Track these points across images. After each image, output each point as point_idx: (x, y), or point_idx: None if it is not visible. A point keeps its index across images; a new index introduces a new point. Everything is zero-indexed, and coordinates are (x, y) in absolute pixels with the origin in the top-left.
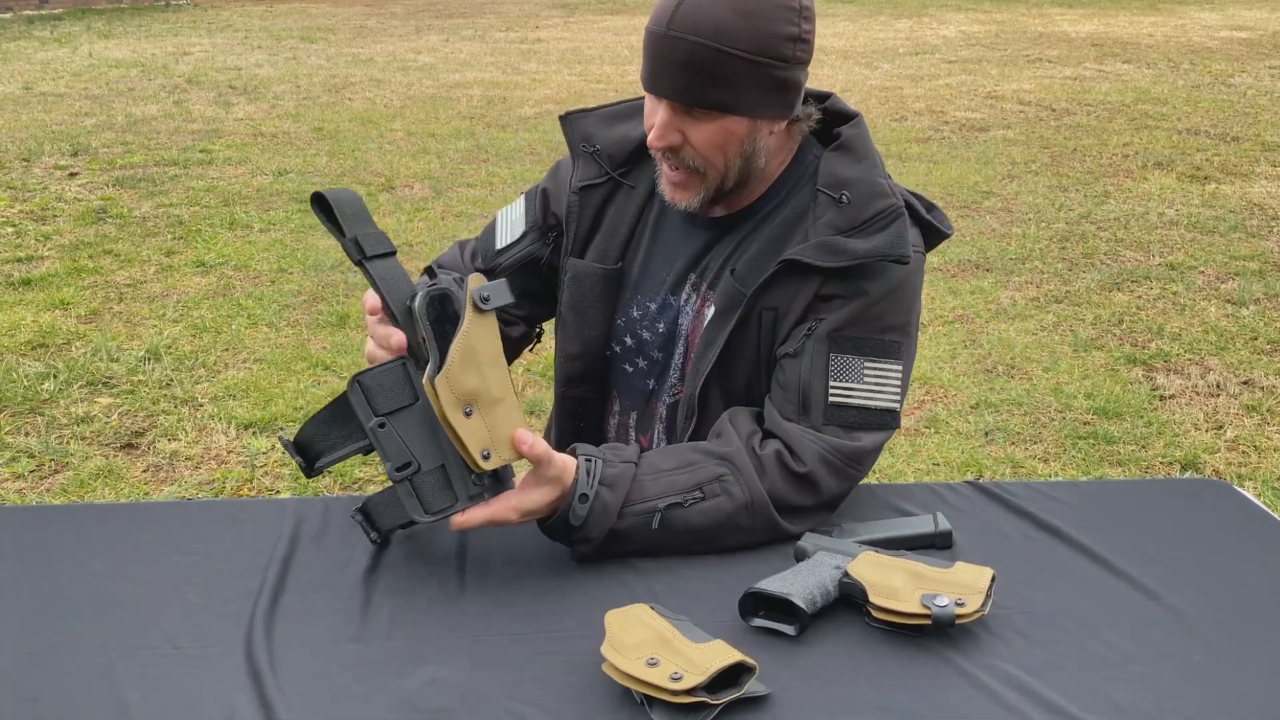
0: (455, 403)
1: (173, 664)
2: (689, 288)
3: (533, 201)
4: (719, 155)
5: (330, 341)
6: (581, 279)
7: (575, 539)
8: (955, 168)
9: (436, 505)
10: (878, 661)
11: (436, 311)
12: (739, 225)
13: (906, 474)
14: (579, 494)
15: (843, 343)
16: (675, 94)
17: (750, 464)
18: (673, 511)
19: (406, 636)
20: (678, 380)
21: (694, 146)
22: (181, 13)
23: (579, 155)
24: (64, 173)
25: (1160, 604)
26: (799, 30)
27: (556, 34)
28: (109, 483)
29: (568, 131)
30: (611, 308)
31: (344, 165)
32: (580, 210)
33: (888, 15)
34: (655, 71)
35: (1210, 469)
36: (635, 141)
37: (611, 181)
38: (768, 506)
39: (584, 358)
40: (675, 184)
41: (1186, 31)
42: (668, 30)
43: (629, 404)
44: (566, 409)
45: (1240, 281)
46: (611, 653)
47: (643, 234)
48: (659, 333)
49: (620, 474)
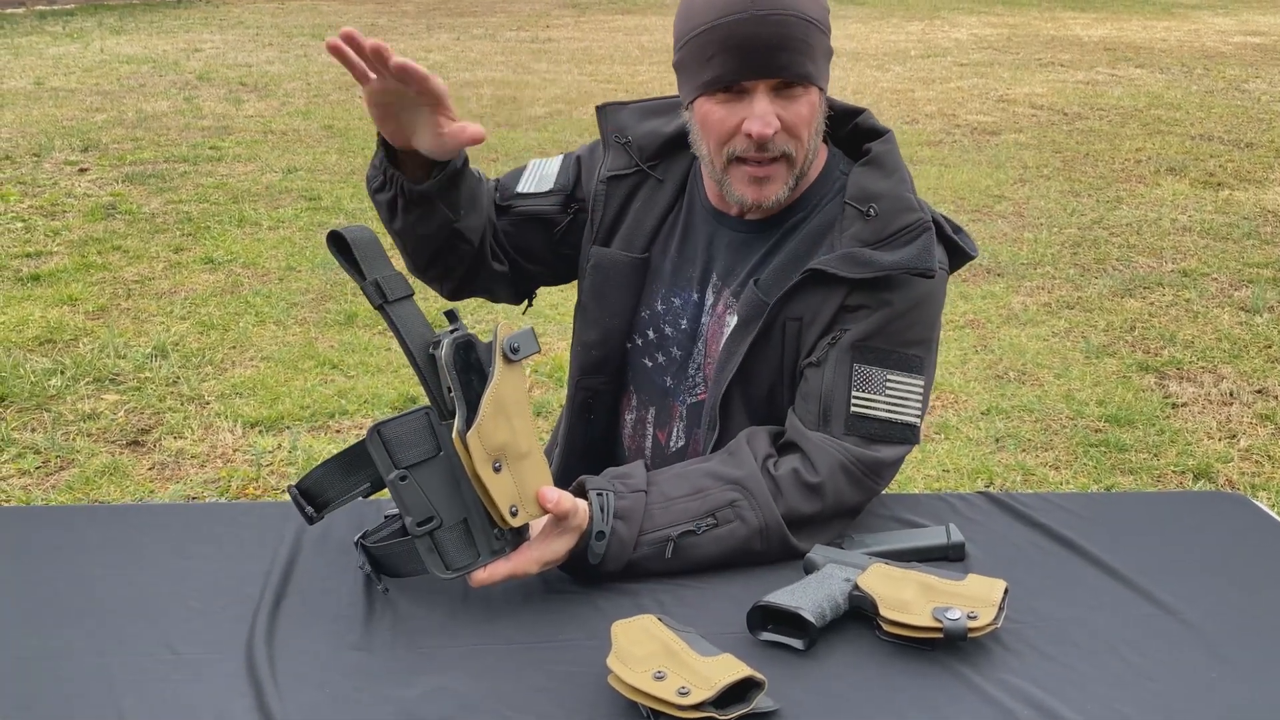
0: (485, 458)
1: (171, 670)
2: (711, 289)
3: (567, 166)
4: (807, 131)
5: (338, 340)
6: (606, 266)
7: (592, 575)
8: (967, 171)
9: (459, 562)
10: (888, 676)
11: (461, 360)
12: (767, 232)
13: (916, 480)
14: (595, 532)
15: (866, 353)
16: (777, 71)
17: (764, 487)
18: (686, 539)
19: (409, 645)
20: (699, 381)
21: (790, 127)
22: (193, 9)
23: (610, 145)
24: (74, 168)
25: (1176, 619)
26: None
27: (567, 33)
28: (114, 480)
29: (602, 122)
30: (635, 298)
31: (354, 163)
32: (606, 199)
33: (899, 18)
34: (746, 57)
35: (1223, 478)
36: (666, 136)
37: (640, 173)
38: (782, 530)
39: (602, 346)
40: (760, 179)
41: (1200, 36)
42: (754, 12)
43: (646, 399)
44: (579, 400)
45: (1254, 289)
46: (617, 665)
47: (673, 228)
48: (681, 329)
49: (632, 506)
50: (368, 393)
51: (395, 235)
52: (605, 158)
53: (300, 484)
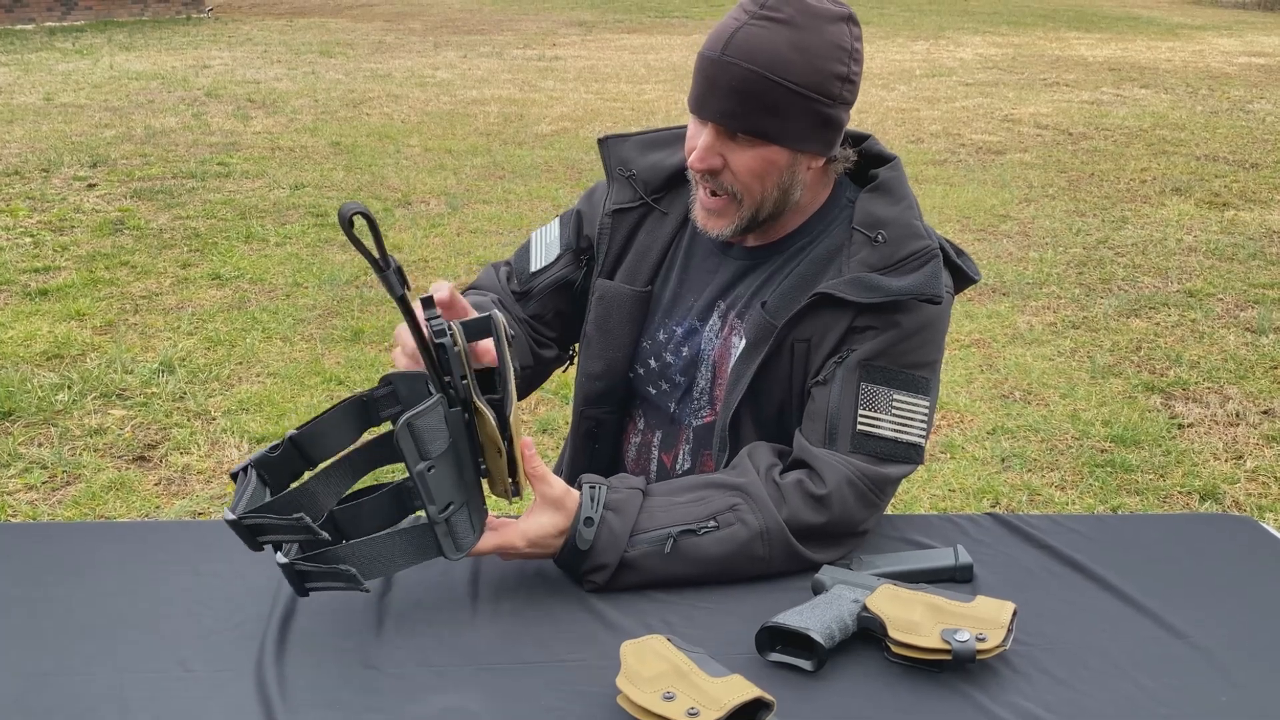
0: (515, 434)
1: (183, 687)
2: (716, 316)
3: (568, 224)
4: (757, 183)
5: (344, 356)
6: (610, 299)
7: (586, 568)
8: (972, 191)
9: (467, 543)
10: (897, 698)
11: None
12: (770, 258)
13: (922, 499)
14: (584, 518)
15: (873, 372)
16: (721, 117)
17: (766, 492)
18: (686, 539)
19: (419, 664)
20: (705, 404)
21: (734, 172)
22: (202, 26)
23: (615, 179)
24: (83, 184)
25: (1185, 642)
26: (848, 71)
27: (574, 52)
28: (121, 495)
29: (605, 155)
30: (638, 329)
31: (361, 180)
32: (612, 232)
33: (905, 37)
34: (704, 94)
35: (1230, 499)
36: (671, 169)
37: (645, 206)
38: (785, 534)
39: (606, 378)
40: (710, 210)
41: (1204, 57)
42: (721, 55)
43: (653, 423)
44: (583, 429)
45: (1260, 310)
46: (627, 685)
47: (674, 260)
48: (682, 356)
49: (626, 499)
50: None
51: None
52: (610, 191)
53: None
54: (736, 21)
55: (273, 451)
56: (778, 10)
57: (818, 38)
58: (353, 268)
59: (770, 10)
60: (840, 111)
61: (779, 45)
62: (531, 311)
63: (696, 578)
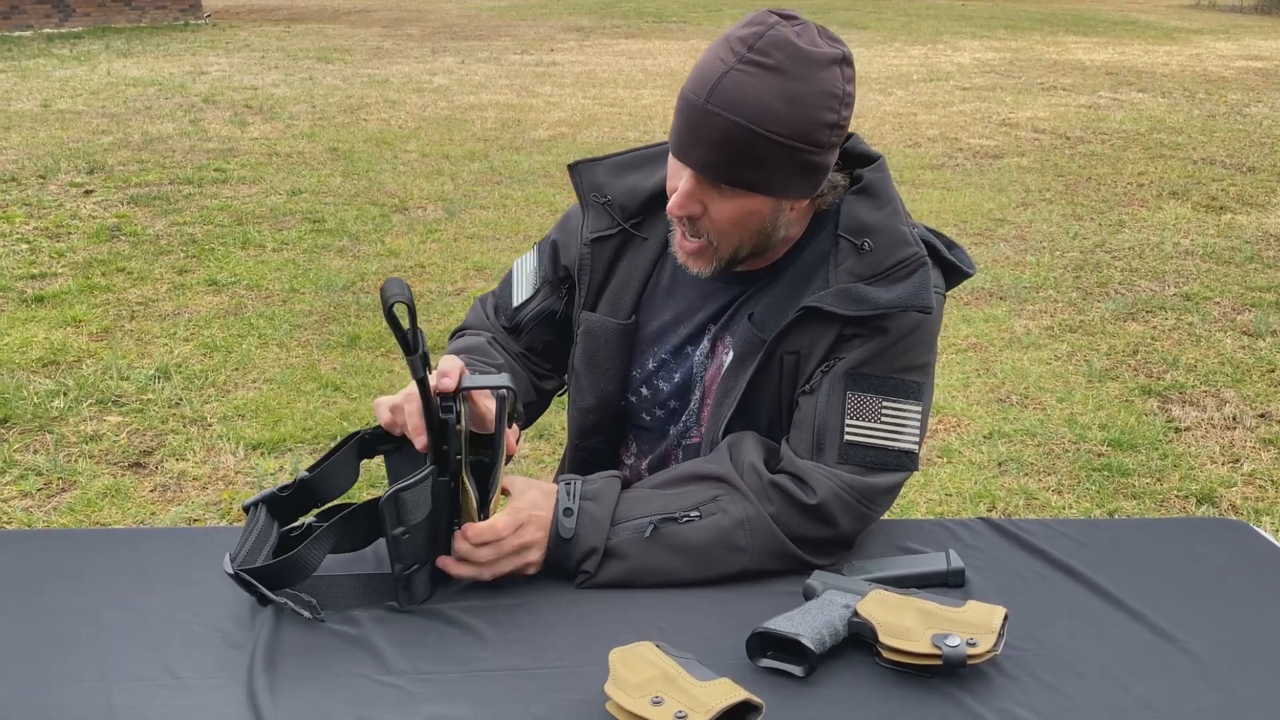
0: (497, 501)
1: (172, 695)
2: (707, 340)
3: (543, 255)
4: (735, 231)
5: (340, 362)
6: (595, 333)
7: (577, 556)
8: (969, 195)
9: (421, 597)
10: (887, 703)
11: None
12: (760, 279)
13: (919, 504)
14: (563, 509)
15: (861, 381)
16: (703, 168)
17: (744, 482)
18: (667, 526)
19: (410, 672)
20: (693, 424)
21: (713, 219)
22: (200, 32)
23: (589, 205)
24: (79, 190)
25: (1178, 647)
26: (838, 118)
27: (571, 57)
28: (116, 502)
29: (577, 181)
30: (627, 360)
31: (358, 186)
32: (592, 263)
33: (902, 42)
34: (686, 141)
35: (1226, 503)
36: (647, 192)
37: (623, 233)
38: (767, 523)
39: (598, 411)
40: (688, 252)
41: (1202, 61)
42: (706, 104)
43: (645, 449)
44: (579, 460)
45: (1257, 313)
46: (615, 691)
47: (656, 286)
48: (674, 382)
49: (602, 488)
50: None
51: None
52: (585, 219)
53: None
54: (724, 64)
55: (283, 491)
56: (767, 55)
57: (809, 87)
58: (349, 274)
59: (759, 55)
60: (828, 156)
61: (766, 96)
62: (524, 345)
63: (681, 571)
